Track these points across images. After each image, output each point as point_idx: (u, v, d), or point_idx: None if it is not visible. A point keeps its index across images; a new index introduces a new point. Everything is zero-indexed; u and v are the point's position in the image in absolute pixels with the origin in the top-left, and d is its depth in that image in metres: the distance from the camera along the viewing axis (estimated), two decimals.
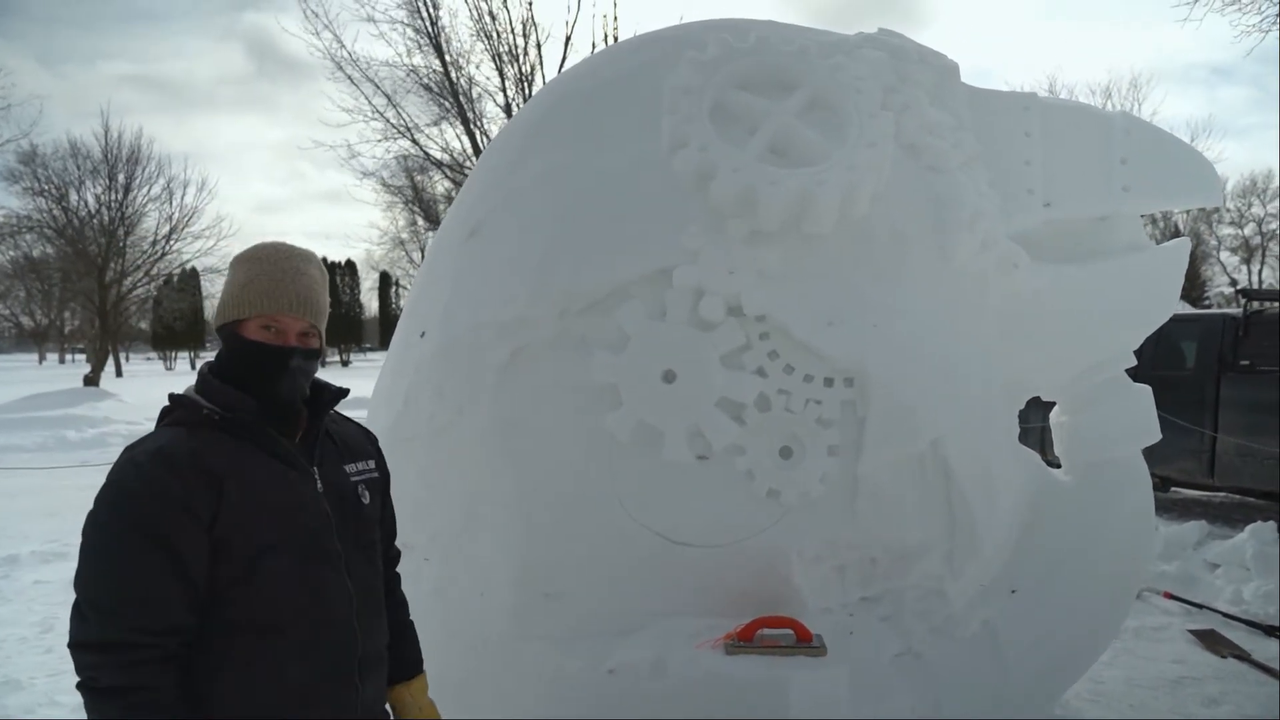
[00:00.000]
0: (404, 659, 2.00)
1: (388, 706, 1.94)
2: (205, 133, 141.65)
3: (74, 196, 29.28)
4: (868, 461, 2.81)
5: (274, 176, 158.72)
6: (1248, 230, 41.05)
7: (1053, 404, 3.72)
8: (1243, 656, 4.88)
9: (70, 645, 1.58)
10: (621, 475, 2.80)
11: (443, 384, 2.98)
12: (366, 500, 1.87)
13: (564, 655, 2.78)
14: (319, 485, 1.76)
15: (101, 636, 1.55)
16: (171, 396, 1.77)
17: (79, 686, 1.57)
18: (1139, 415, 3.49)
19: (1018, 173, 3.33)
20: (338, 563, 1.74)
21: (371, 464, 1.95)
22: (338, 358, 68.34)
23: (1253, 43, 11.36)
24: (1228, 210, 38.59)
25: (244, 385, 1.72)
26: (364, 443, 1.98)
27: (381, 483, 1.97)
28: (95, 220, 29.40)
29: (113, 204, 29.43)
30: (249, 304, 1.74)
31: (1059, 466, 3.62)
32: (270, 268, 1.76)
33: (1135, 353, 3.60)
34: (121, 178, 29.49)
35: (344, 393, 1.88)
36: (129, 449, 1.67)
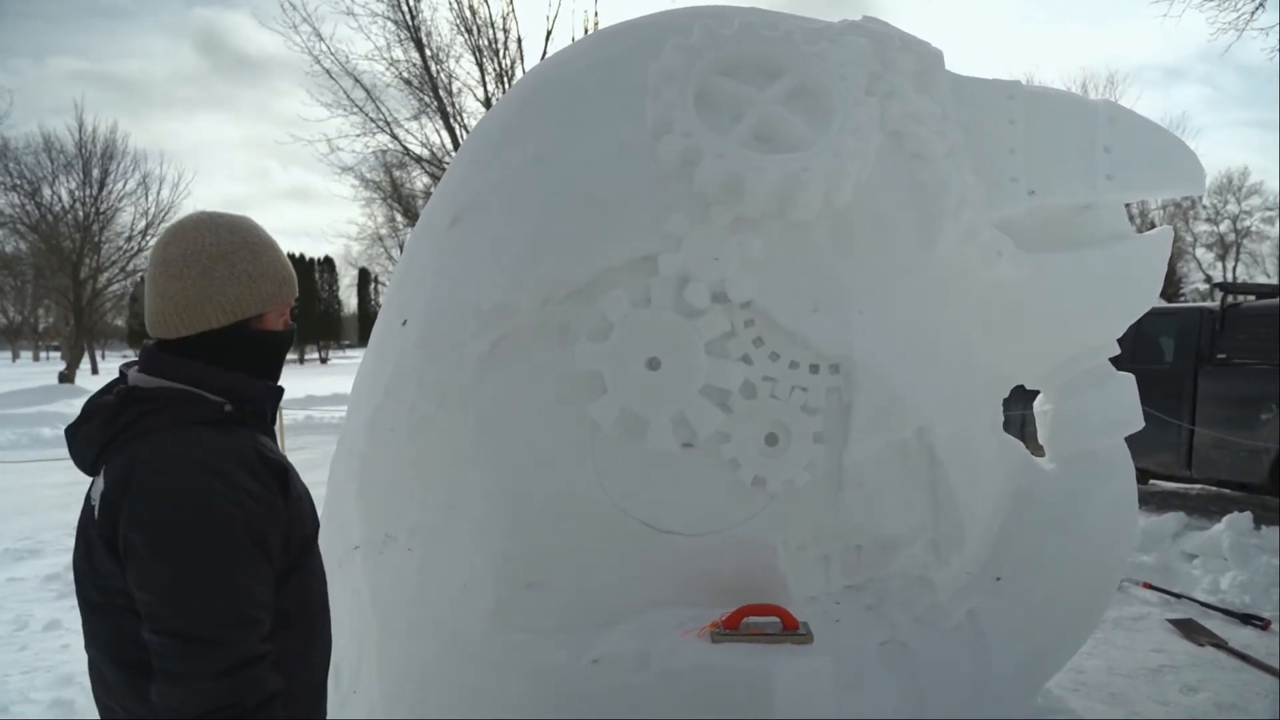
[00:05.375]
0: None
1: None
2: (165, 131, 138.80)
3: (47, 191, 28.89)
4: (853, 449, 2.80)
5: (237, 174, 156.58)
6: (1223, 227, 41.61)
7: (1036, 393, 3.73)
8: (1220, 645, 4.93)
9: (203, 679, 1.39)
10: (605, 464, 2.77)
11: (424, 374, 2.94)
12: None
13: (547, 647, 2.75)
14: None
15: (247, 652, 1.42)
16: (172, 392, 1.54)
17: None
18: (1122, 404, 3.50)
19: (1002, 161, 3.32)
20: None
21: None
22: (317, 355, 67.89)
23: (1229, 40, 11.43)
24: (1204, 207, 39.10)
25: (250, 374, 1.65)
26: None
27: None
28: (69, 216, 29.01)
29: (87, 199, 29.05)
30: (270, 296, 1.62)
31: (1042, 455, 3.63)
32: (275, 252, 1.66)
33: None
34: (96, 172, 29.12)
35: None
36: (173, 457, 1.46)
